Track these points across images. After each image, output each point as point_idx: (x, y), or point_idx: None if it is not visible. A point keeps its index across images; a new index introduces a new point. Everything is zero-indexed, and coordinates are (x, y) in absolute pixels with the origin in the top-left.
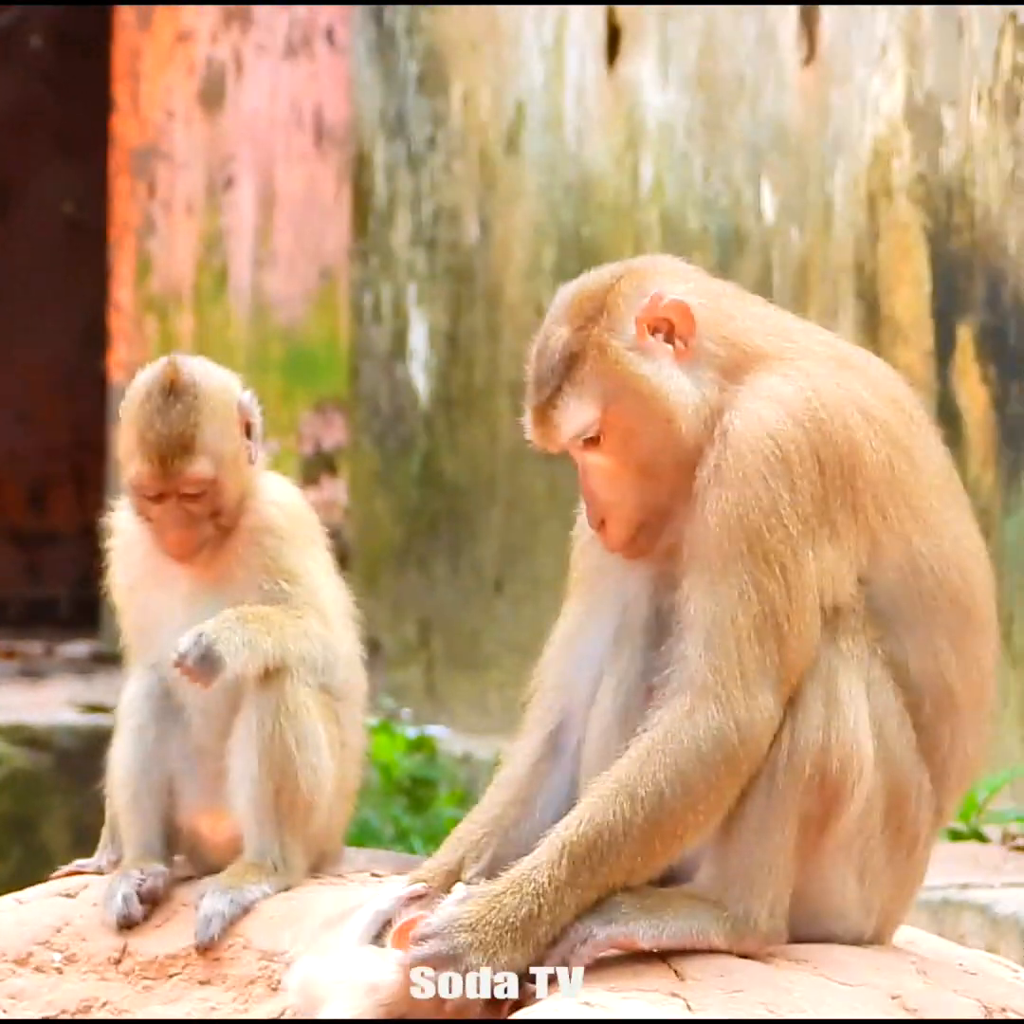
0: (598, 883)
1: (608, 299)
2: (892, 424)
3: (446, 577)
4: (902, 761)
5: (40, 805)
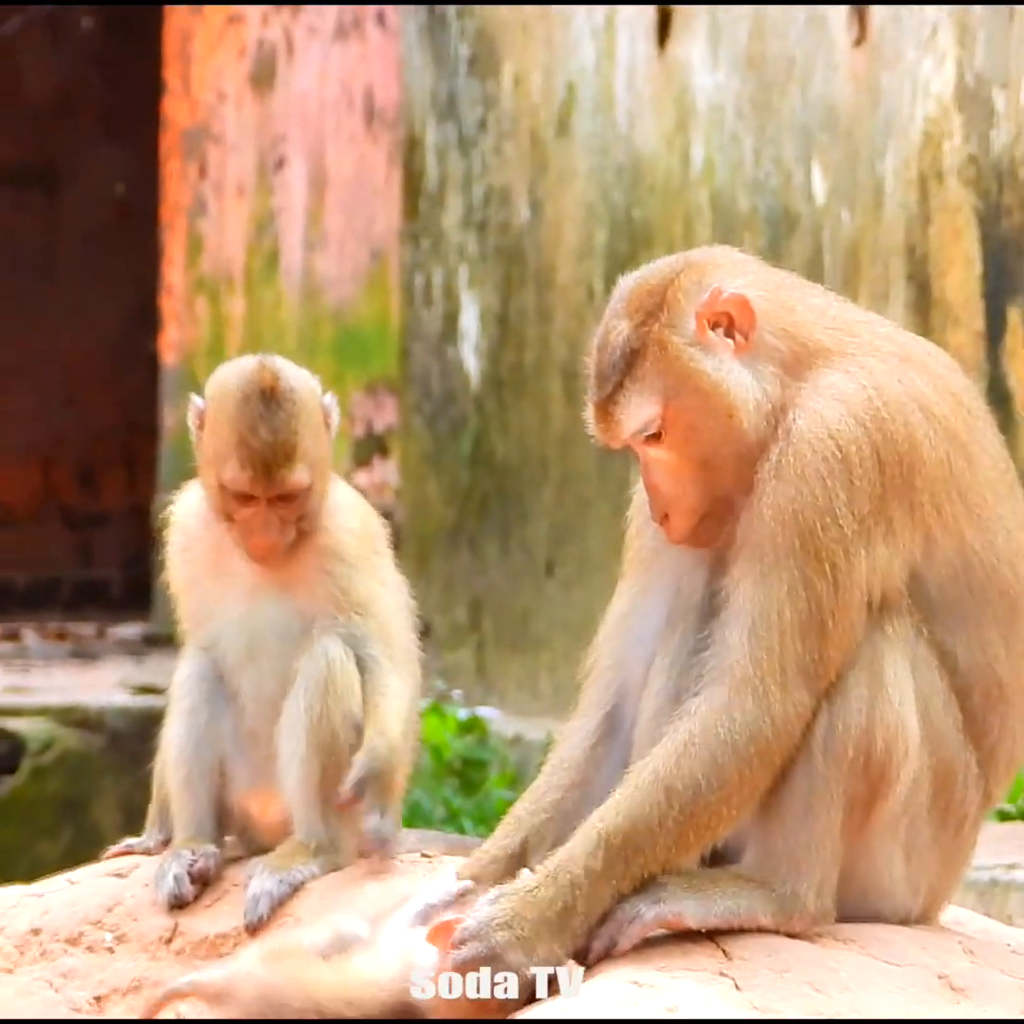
0: (632, 873)
1: (668, 294)
2: (951, 420)
3: (497, 558)
4: (948, 740)
5: (91, 786)
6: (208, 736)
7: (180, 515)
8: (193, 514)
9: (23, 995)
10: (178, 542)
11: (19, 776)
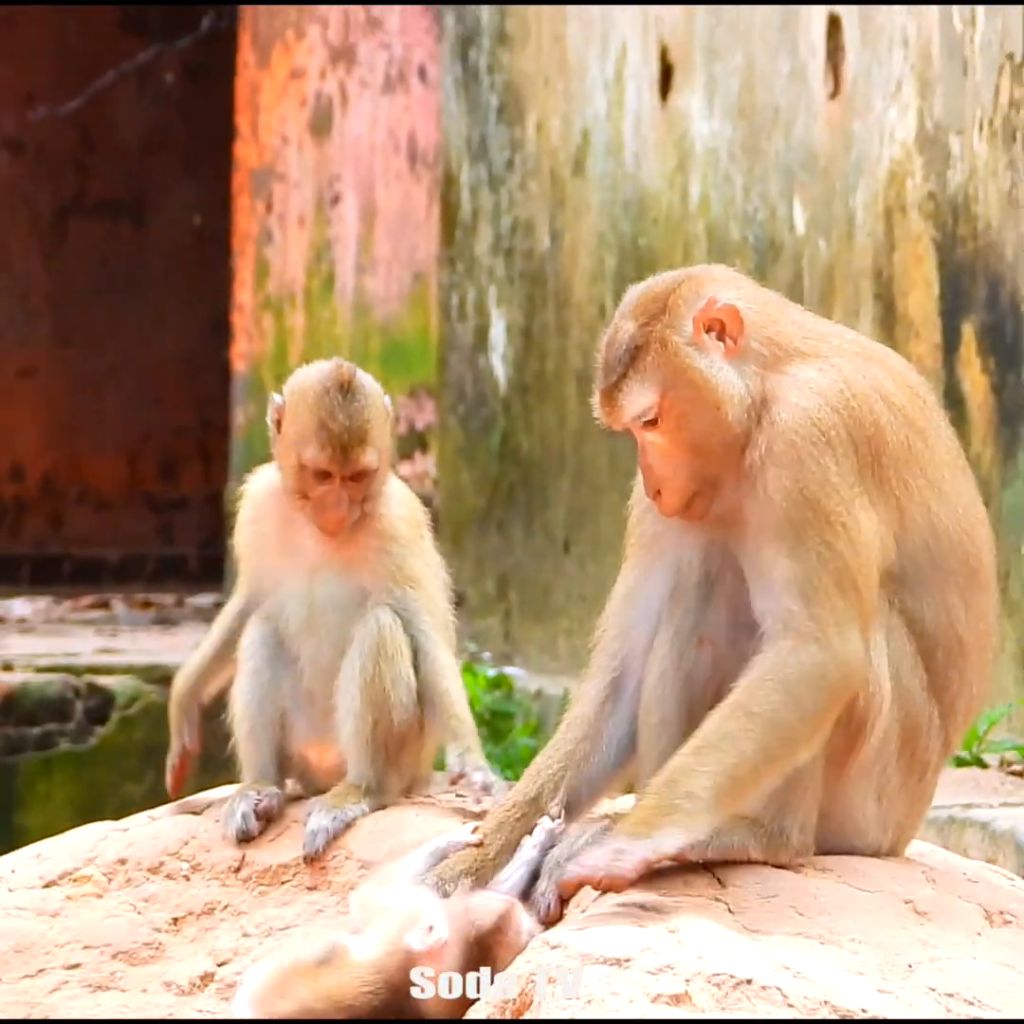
0: (727, 772)
1: (670, 300)
2: (909, 409)
3: (521, 539)
4: (915, 698)
5: (170, 735)
6: (270, 694)
7: (253, 492)
8: (266, 492)
9: (111, 917)
10: (249, 515)
11: (109, 727)
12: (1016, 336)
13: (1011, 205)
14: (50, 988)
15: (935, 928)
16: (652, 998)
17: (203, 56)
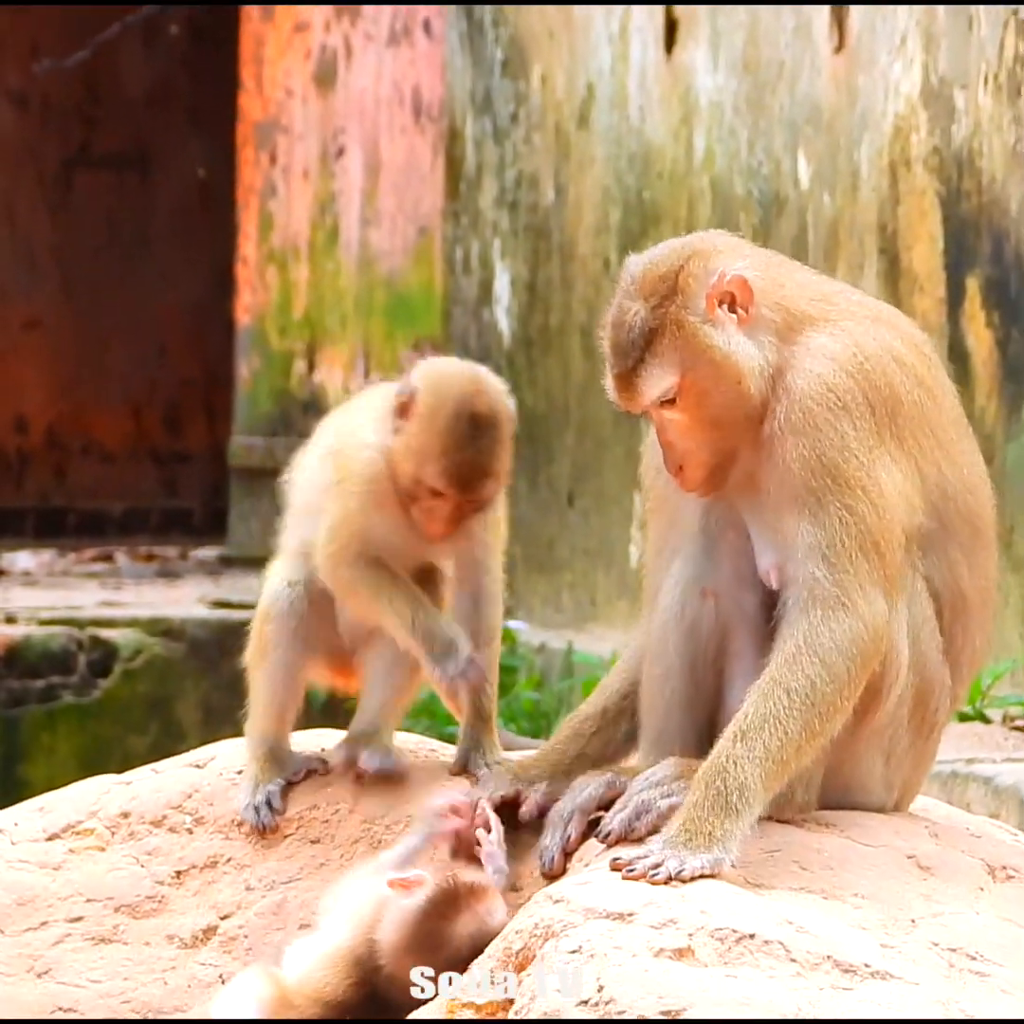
0: (773, 756)
1: (680, 279)
2: (918, 367)
3: (526, 492)
4: (931, 662)
5: (174, 688)
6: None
7: (372, 473)
8: (379, 463)
9: (114, 870)
10: (366, 491)
11: (112, 679)
12: (1021, 291)
13: (1016, 160)
14: (53, 941)
15: (938, 883)
16: (655, 952)
17: (208, 9)
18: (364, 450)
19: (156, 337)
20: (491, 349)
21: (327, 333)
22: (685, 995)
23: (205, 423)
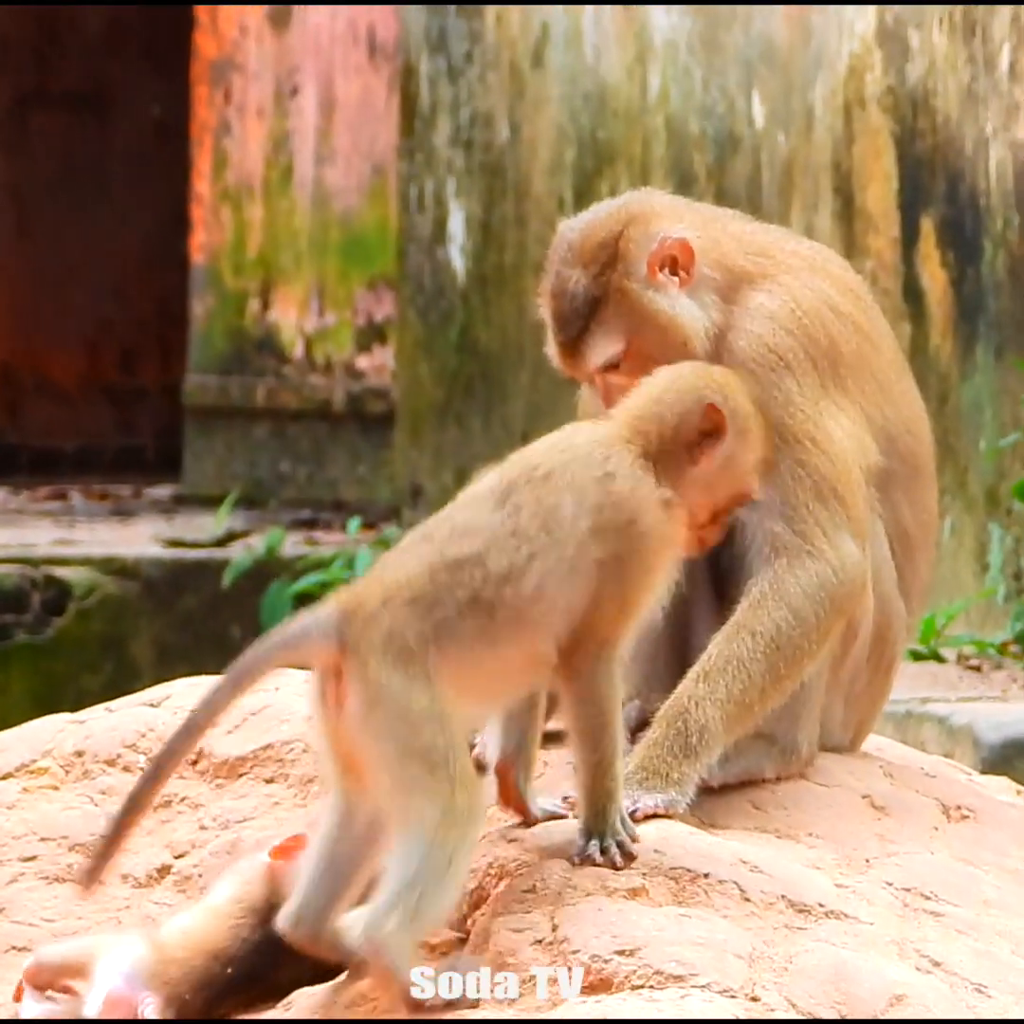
0: (735, 699)
1: (620, 246)
2: (855, 314)
3: (480, 432)
4: (890, 598)
5: (128, 627)
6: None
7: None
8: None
9: (68, 809)
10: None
11: (66, 618)
12: (975, 230)
13: (970, 99)
14: (6, 880)
15: (892, 823)
16: (609, 892)
17: None
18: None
19: (110, 276)
20: (445, 287)
21: (281, 272)
22: (639, 935)
23: (159, 361)
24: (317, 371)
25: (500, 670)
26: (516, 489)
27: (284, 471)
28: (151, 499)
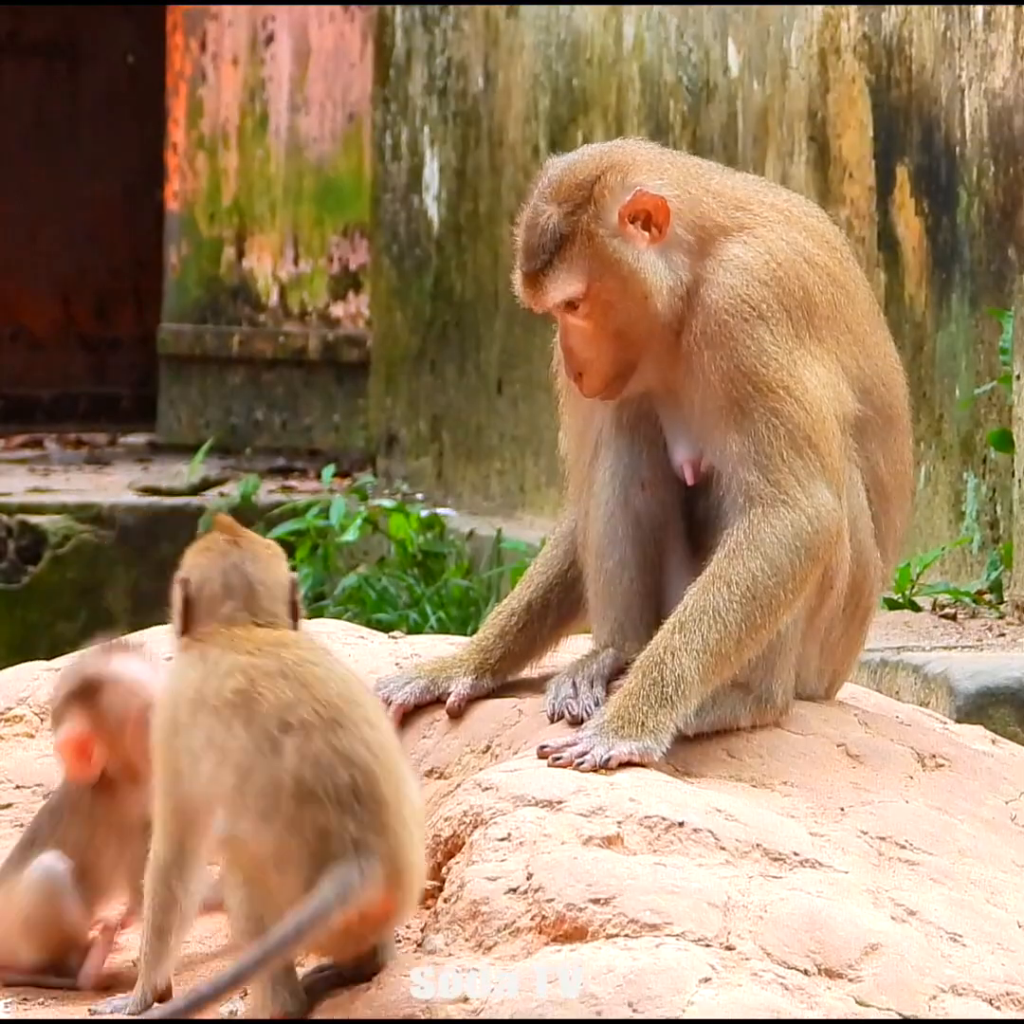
0: (711, 649)
1: (595, 190)
2: (830, 265)
3: (454, 379)
4: (866, 551)
5: (104, 574)
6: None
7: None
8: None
9: (43, 756)
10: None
11: (41, 566)
12: (950, 179)
13: (945, 47)
14: None
15: (867, 771)
16: (584, 840)
17: None
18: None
19: (85, 224)
20: (420, 236)
21: (256, 220)
22: (614, 883)
23: (134, 309)
24: (292, 319)
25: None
26: None
27: (259, 419)
28: (126, 447)
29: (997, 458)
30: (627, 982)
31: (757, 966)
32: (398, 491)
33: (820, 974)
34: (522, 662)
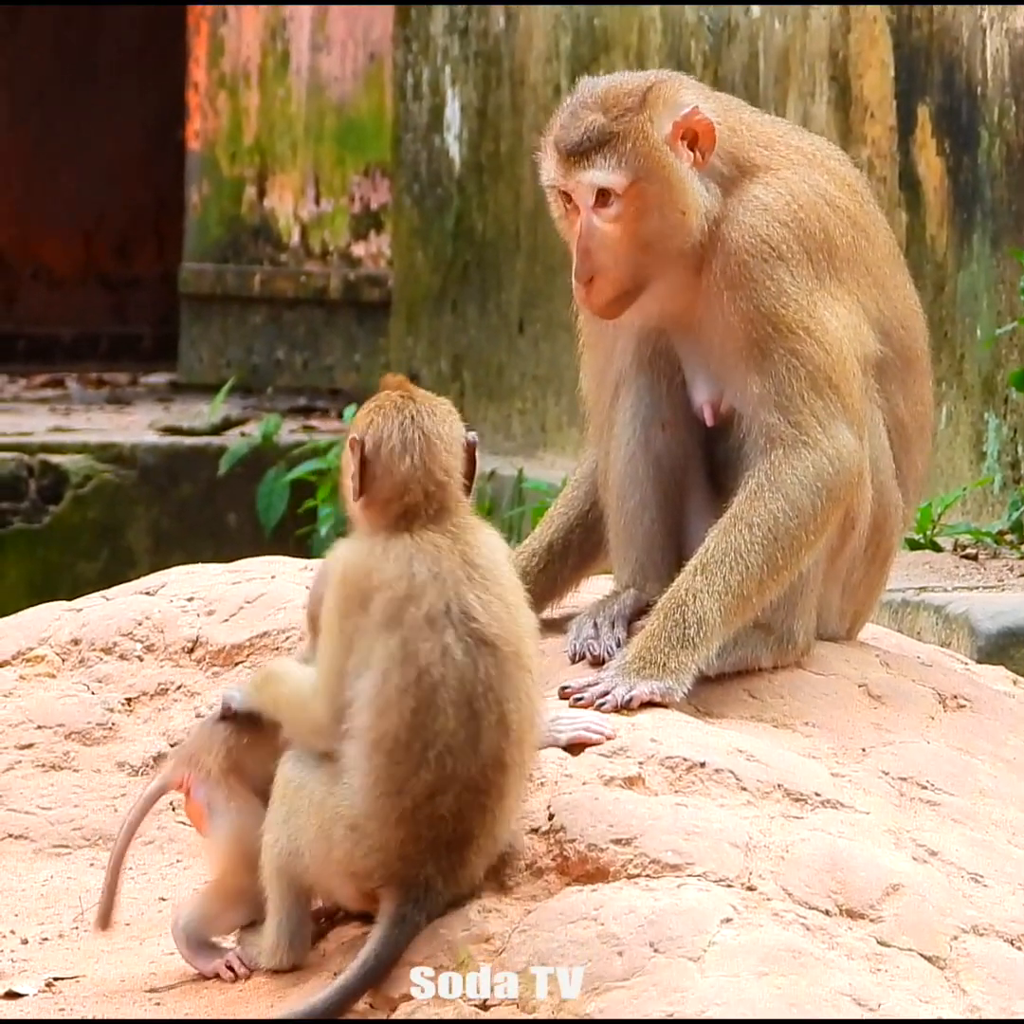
0: (733, 591)
1: (649, 96)
2: (851, 208)
3: (476, 319)
4: (887, 488)
5: (125, 514)
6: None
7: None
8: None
9: (65, 697)
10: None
11: (62, 505)
12: (971, 119)
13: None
14: (3, 768)
15: (889, 712)
16: (605, 781)
17: None
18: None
19: (106, 164)
20: (441, 175)
21: (277, 159)
22: (635, 823)
23: (155, 249)
24: (313, 258)
25: None
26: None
27: (280, 358)
28: (147, 386)
29: (1018, 398)
30: (648, 923)
31: (778, 906)
32: None
33: (841, 914)
34: (543, 603)
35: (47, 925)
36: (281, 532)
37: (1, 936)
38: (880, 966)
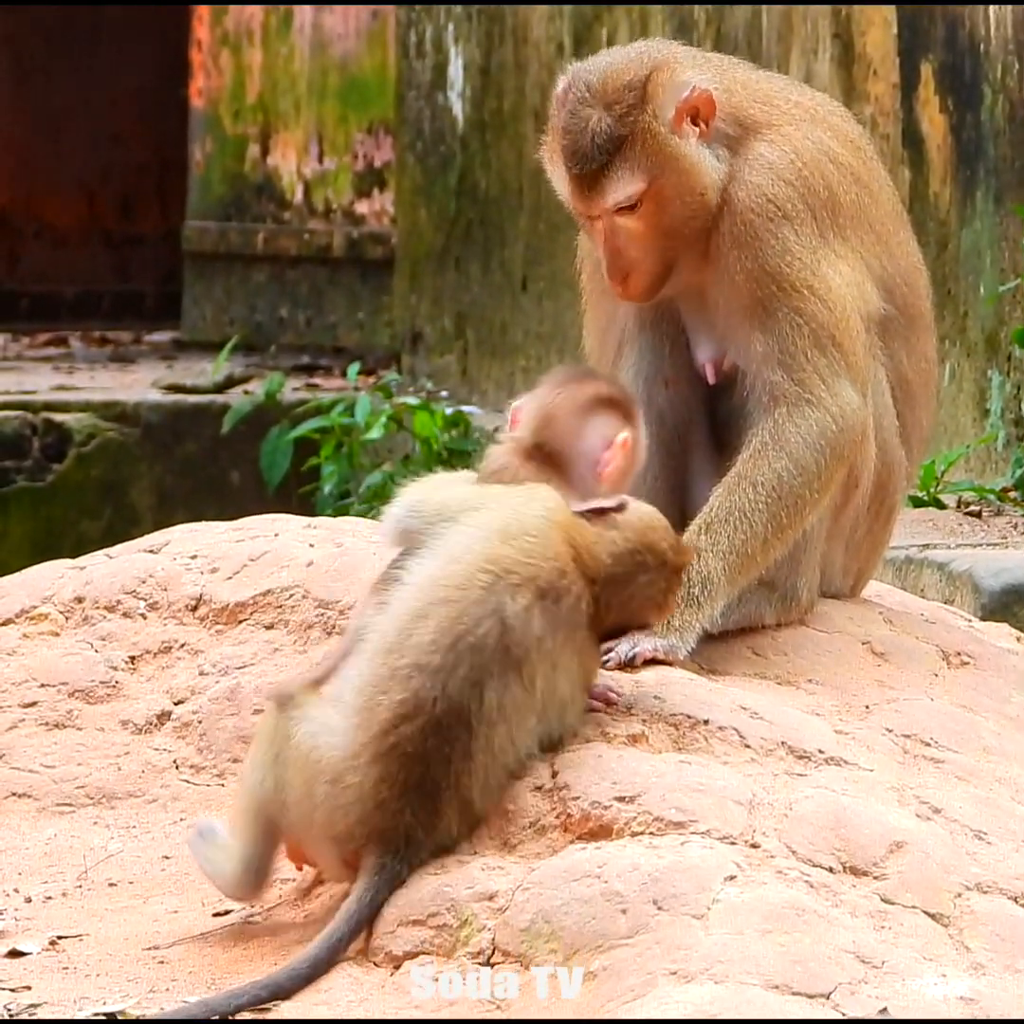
0: (737, 549)
1: (649, 89)
2: (855, 165)
3: (479, 276)
4: (890, 449)
5: (128, 472)
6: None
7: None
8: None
9: (68, 655)
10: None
11: (66, 464)
12: (974, 76)
13: None
14: (7, 726)
15: (892, 669)
16: (609, 739)
17: None
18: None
19: (109, 121)
20: (444, 133)
21: (280, 117)
22: (639, 781)
23: (158, 207)
24: (316, 216)
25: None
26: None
27: (283, 316)
28: (151, 345)
29: (1022, 355)
30: (652, 880)
31: (782, 864)
32: (423, 389)
33: (845, 872)
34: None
35: (50, 883)
36: (284, 490)
37: (4, 895)
38: (884, 923)
